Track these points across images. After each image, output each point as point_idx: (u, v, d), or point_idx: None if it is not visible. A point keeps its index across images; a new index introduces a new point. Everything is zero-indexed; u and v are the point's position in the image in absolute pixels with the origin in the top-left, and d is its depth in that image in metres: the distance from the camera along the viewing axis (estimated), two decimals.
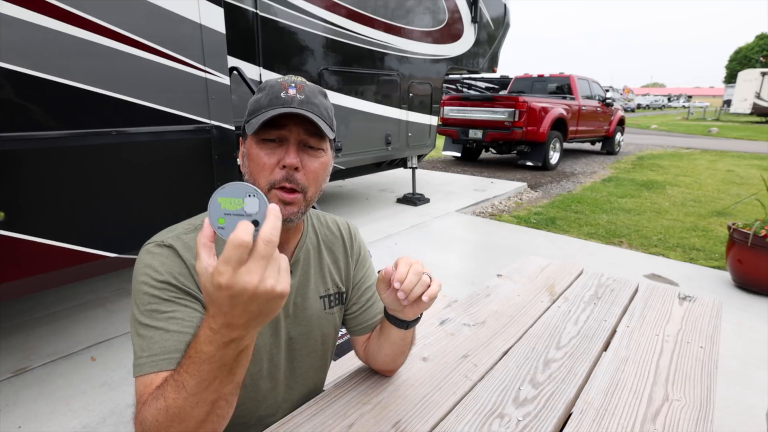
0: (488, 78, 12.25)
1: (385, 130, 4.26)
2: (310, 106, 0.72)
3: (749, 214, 4.45)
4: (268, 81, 0.76)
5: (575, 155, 9.91)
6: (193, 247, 0.72)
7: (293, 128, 0.72)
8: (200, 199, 0.89)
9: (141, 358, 0.64)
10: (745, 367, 2.07)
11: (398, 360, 0.88)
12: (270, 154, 0.72)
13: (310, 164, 0.74)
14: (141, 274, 0.69)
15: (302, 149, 0.73)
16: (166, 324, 0.65)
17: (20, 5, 1.45)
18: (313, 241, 0.88)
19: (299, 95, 0.72)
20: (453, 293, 2.10)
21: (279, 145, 0.73)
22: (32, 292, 1.78)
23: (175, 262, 0.70)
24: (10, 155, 1.49)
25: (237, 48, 2.69)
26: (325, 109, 0.75)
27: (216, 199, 0.47)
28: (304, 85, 0.74)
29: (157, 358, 0.63)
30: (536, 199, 5.70)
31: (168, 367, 0.62)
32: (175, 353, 0.63)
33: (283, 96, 0.72)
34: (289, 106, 0.70)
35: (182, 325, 0.66)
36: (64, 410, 1.73)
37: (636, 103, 39.37)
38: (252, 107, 0.74)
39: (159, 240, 0.72)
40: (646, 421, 0.80)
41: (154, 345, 0.64)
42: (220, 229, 0.48)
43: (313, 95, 0.74)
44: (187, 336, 0.65)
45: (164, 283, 0.68)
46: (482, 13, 5.11)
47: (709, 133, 15.51)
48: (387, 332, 0.82)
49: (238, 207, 0.47)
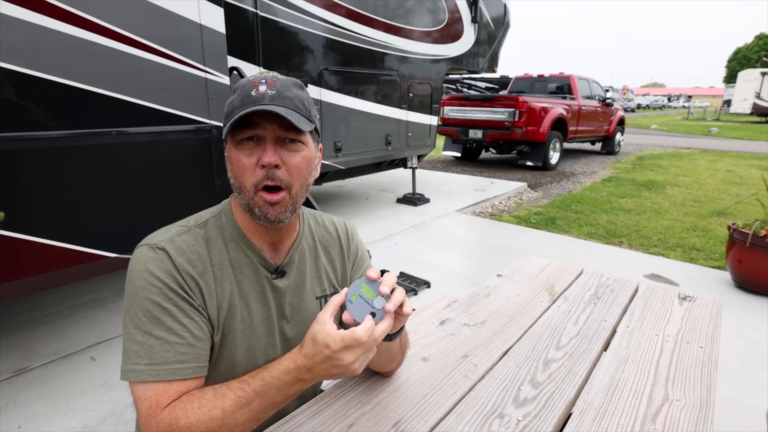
0: (488, 78, 12.25)
1: (385, 130, 4.26)
2: (282, 100, 0.70)
3: (749, 214, 4.45)
4: (241, 81, 0.74)
5: (575, 155, 9.91)
6: (186, 251, 0.72)
7: (267, 125, 0.70)
8: (200, 199, 0.89)
9: (138, 365, 0.65)
10: (745, 367, 2.07)
11: (388, 366, 0.88)
12: (249, 155, 0.71)
13: (291, 159, 0.72)
14: (137, 278, 0.69)
15: (281, 145, 0.72)
16: (166, 335, 0.67)
17: (20, 5, 1.45)
18: (309, 242, 0.87)
19: (270, 91, 0.70)
20: (453, 293, 2.10)
21: (257, 144, 0.72)
22: (32, 292, 1.78)
23: (168, 266, 0.70)
24: (10, 155, 1.49)
25: (237, 48, 2.69)
26: (299, 101, 0.73)
27: (362, 282, 0.63)
28: (275, 80, 0.72)
29: (159, 368, 0.65)
30: (536, 199, 5.70)
31: (172, 378, 0.66)
32: (177, 364, 0.67)
33: (254, 94, 0.70)
34: (259, 104, 0.69)
35: (181, 336, 0.68)
36: (64, 410, 1.73)
37: (636, 103, 39.37)
38: (227, 110, 0.73)
39: (153, 242, 0.72)
40: (646, 421, 0.80)
41: (154, 354, 0.66)
42: (349, 302, 0.63)
43: (285, 89, 0.72)
44: (186, 347, 0.68)
45: (161, 292, 0.68)
46: (482, 13, 5.11)
47: (709, 133, 15.50)
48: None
49: (371, 297, 0.61)
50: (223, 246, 0.77)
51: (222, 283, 0.75)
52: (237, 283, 0.77)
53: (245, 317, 0.78)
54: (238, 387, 0.64)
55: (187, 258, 0.72)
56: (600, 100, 9.22)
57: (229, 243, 0.77)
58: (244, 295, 0.78)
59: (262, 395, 0.63)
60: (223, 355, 0.76)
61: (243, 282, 0.78)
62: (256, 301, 0.79)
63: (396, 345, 0.81)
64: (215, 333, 0.75)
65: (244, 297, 0.78)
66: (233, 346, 0.77)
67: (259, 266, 0.79)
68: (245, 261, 0.78)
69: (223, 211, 0.80)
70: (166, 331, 0.67)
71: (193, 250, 0.73)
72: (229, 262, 0.77)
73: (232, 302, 0.76)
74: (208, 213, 0.80)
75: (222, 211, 0.80)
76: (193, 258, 0.73)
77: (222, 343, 0.76)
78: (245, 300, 0.78)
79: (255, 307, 0.79)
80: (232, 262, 0.77)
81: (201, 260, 0.74)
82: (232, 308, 0.76)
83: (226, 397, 0.64)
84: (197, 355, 0.69)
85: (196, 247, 0.74)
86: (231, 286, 0.76)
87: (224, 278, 0.75)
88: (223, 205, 0.81)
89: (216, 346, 0.75)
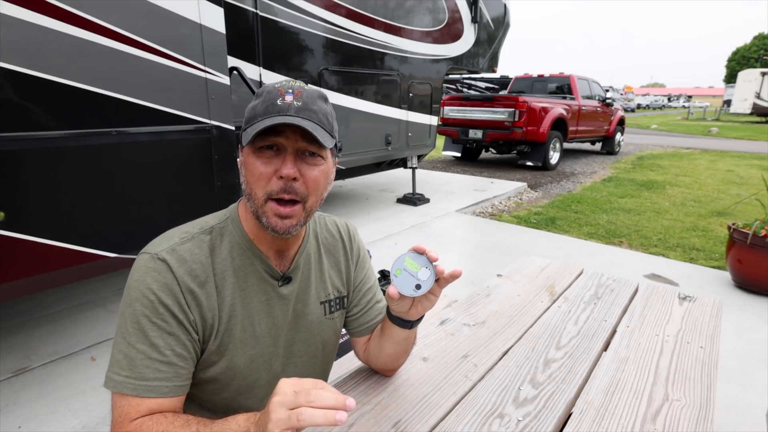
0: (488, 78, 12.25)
1: (385, 130, 4.26)
2: (308, 113, 0.69)
3: (749, 214, 4.45)
4: (266, 86, 0.72)
5: (575, 155, 9.91)
6: (189, 260, 0.71)
7: (290, 135, 0.69)
8: (200, 199, 0.89)
9: (118, 375, 0.67)
10: (745, 367, 2.07)
11: (400, 359, 0.88)
12: (267, 164, 0.69)
13: (309, 173, 0.71)
14: (134, 288, 0.69)
15: (300, 157, 0.71)
16: (148, 350, 0.67)
17: (20, 5, 1.45)
18: (314, 246, 0.87)
19: (296, 102, 0.69)
20: (453, 293, 2.10)
21: (276, 154, 0.70)
22: (32, 292, 1.78)
23: (167, 279, 0.69)
24: (10, 155, 1.49)
25: (237, 48, 2.69)
26: (324, 115, 0.71)
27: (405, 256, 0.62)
28: (302, 91, 0.71)
29: (137, 383, 0.66)
30: (536, 199, 5.70)
31: (147, 395, 0.66)
32: (155, 381, 0.67)
33: (280, 103, 0.68)
34: (285, 114, 0.67)
35: (163, 354, 0.68)
36: (64, 410, 1.73)
37: (636, 103, 39.37)
38: (248, 114, 0.72)
39: (154, 252, 0.71)
40: (646, 421, 0.80)
41: (134, 368, 0.67)
42: (394, 276, 0.62)
43: (311, 101, 0.70)
44: (165, 365, 0.68)
45: (152, 306, 0.68)
46: (482, 13, 5.11)
47: (709, 133, 15.50)
48: (390, 332, 0.82)
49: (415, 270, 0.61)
50: (228, 254, 0.76)
51: (223, 292, 0.74)
52: (240, 292, 0.76)
53: (247, 327, 0.77)
54: (204, 423, 0.64)
55: (188, 269, 0.71)
56: (600, 100, 9.22)
57: (234, 250, 0.76)
58: (247, 304, 0.77)
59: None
60: (222, 364, 0.76)
61: (246, 291, 0.77)
62: (259, 310, 0.78)
63: (413, 334, 0.81)
64: (211, 342, 0.74)
65: (247, 306, 0.77)
66: (233, 356, 0.76)
67: (264, 274, 0.78)
68: (250, 269, 0.77)
69: (230, 217, 0.79)
70: (150, 346, 0.67)
71: (195, 259, 0.72)
72: (232, 270, 0.75)
73: (232, 312, 0.75)
74: (214, 218, 0.79)
75: (229, 217, 0.79)
76: (195, 268, 0.72)
77: (220, 353, 0.75)
78: (248, 309, 0.77)
79: (258, 317, 0.78)
80: (235, 271, 0.76)
81: (203, 269, 0.72)
82: (232, 318, 0.75)
83: (189, 428, 0.63)
84: (176, 374, 0.69)
85: (199, 256, 0.73)
86: (232, 295, 0.75)
87: (225, 287, 0.75)
88: (230, 210, 0.80)
89: (212, 356, 0.75)
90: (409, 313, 0.76)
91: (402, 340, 0.82)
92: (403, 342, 0.82)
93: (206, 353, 0.74)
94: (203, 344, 0.74)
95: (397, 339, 0.81)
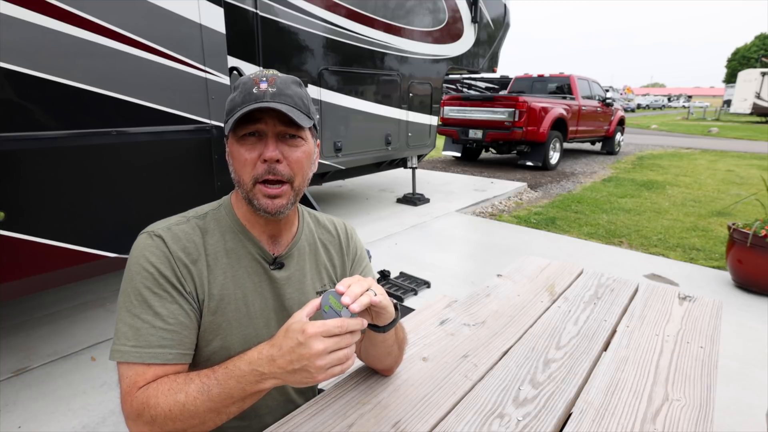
0: (488, 78, 12.25)
1: (385, 130, 4.26)
2: (283, 98, 0.73)
3: (749, 214, 4.45)
4: (241, 78, 0.77)
5: (575, 155, 9.91)
6: (182, 238, 0.76)
7: (269, 121, 0.73)
8: (201, 199, 0.90)
9: (125, 346, 0.68)
10: (745, 367, 2.07)
11: (385, 360, 0.88)
12: (250, 150, 0.74)
13: (292, 154, 0.75)
14: (134, 263, 0.73)
15: (282, 140, 0.75)
16: (152, 319, 0.70)
17: (20, 5, 1.45)
18: (310, 239, 0.89)
19: (271, 88, 0.73)
20: (453, 293, 2.10)
21: (258, 139, 0.74)
22: (32, 292, 1.78)
23: (164, 252, 0.73)
24: (10, 155, 1.49)
25: (237, 48, 2.69)
26: (299, 98, 0.76)
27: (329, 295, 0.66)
28: (275, 78, 0.75)
29: (142, 351, 0.68)
30: (536, 199, 5.70)
31: (152, 361, 0.68)
32: (159, 348, 0.69)
33: (255, 91, 0.73)
34: (261, 101, 0.72)
35: (167, 322, 0.70)
36: (64, 410, 1.73)
37: (636, 103, 39.37)
38: (228, 106, 0.76)
39: (152, 230, 0.75)
40: (646, 421, 0.80)
41: (140, 337, 0.69)
42: (323, 312, 0.66)
43: (285, 86, 0.75)
44: (169, 333, 0.70)
45: (153, 277, 0.71)
46: (482, 13, 5.11)
47: (709, 133, 15.50)
48: (369, 334, 0.83)
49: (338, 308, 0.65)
50: (221, 237, 0.79)
51: (215, 272, 0.77)
52: (233, 273, 0.79)
53: (240, 307, 0.79)
54: (206, 374, 0.66)
55: (181, 245, 0.75)
56: (600, 100, 9.22)
57: (227, 234, 0.80)
58: (241, 285, 0.79)
59: (222, 384, 0.64)
60: (217, 343, 0.78)
61: (240, 272, 0.80)
62: (253, 291, 0.81)
63: (390, 338, 0.82)
64: (204, 319, 0.76)
65: (241, 287, 0.79)
66: (228, 335, 0.78)
67: (257, 256, 0.81)
68: (243, 251, 0.80)
69: (223, 204, 0.84)
70: (154, 315, 0.70)
71: (188, 238, 0.76)
72: (225, 252, 0.79)
73: (224, 291, 0.78)
74: (207, 206, 0.84)
75: (222, 204, 0.84)
76: (188, 246, 0.76)
77: (214, 332, 0.77)
78: (242, 289, 0.80)
79: (252, 297, 0.81)
80: (228, 252, 0.79)
81: (196, 248, 0.76)
82: (224, 297, 0.78)
83: (192, 382, 0.65)
84: (180, 342, 0.71)
85: (192, 236, 0.77)
86: (224, 275, 0.78)
87: (217, 267, 0.78)
88: (223, 199, 0.85)
89: (207, 333, 0.77)
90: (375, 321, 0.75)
91: (380, 343, 0.82)
92: (381, 345, 0.82)
93: (202, 328, 0.76)
94: (199, 317, 0.76)
95: (375, 341, 0.82)
